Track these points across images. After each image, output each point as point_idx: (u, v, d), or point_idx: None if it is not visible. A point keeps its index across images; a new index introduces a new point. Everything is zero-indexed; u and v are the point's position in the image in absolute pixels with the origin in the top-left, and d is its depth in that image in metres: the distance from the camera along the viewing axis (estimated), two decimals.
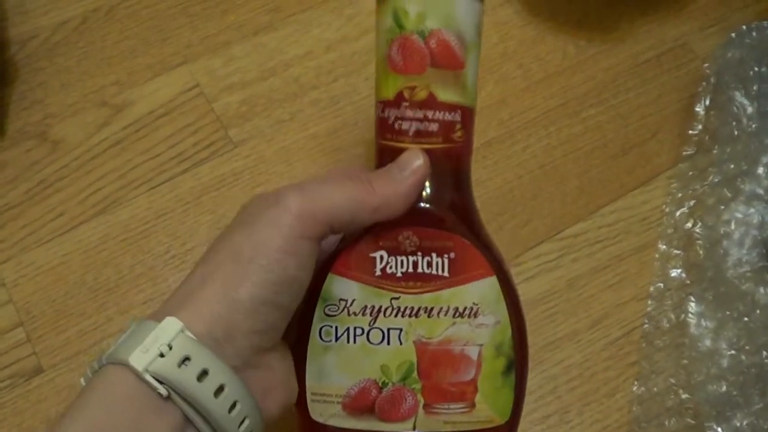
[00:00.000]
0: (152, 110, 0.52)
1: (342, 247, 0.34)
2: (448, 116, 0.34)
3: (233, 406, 0.29)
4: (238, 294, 0.30)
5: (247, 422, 0.30)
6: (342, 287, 0.34)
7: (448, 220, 0.34)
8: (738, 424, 0.42)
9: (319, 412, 0.34)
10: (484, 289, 0.34)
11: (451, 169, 0.35)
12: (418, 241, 0.34)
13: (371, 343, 0.34)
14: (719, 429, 0.42)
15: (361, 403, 0.34)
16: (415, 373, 0.34)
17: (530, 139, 0.51)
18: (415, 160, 0.33)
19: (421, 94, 0.33)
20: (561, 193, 0.50)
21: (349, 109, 0.52)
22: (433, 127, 0.34)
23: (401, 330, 0.34)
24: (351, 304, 0.34)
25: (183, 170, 0.50)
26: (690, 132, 0.51)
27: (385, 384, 0.34)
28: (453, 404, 0.34)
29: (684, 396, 0.44)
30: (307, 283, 0.32)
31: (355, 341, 0.34)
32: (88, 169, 0.50)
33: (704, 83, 0.52)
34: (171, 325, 0.29)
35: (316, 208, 0.31)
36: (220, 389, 0.28)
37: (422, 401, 0.34)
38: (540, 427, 0.43)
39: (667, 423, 0.43)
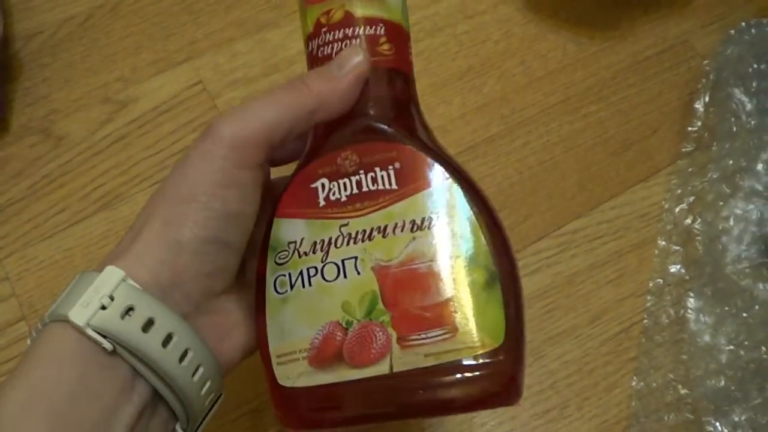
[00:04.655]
0: (156, 106, 0.52)
1: (283, 189, 0.32)
2: (369, 30, 0.32)
3: (184, 354, 0.27)
4: (181, 236, 0.28)
5: (201, 370, 0.28)
6: (289, 229, 0.31)
7: (387, 131, 0.31)
8: (736, 419, 0.42)
9: (286, 375, 0.30)
10: (441, 196, 0.30)
11: (387, 82, 0.33)
12: (358, 158, 0.31)
13: (327, 280, 0.30)
14: (717, 424, 0.42)
15: (328, 352, 0.29)
16: (380, 303, 0.29)
17: (530, 136, 0.52)
18: (354, 57, 0.31)
19: (337, 15, 0.32)
20: (561, 189, 0.50)
21: None
22: (355, 43, 0.32)
23: (356, 258, 0.29)
24: (300, 245, 0.30)
25: None
26: (689, 129, 0.51)
27: (349, 323, 0.29)
28: (431, 331, 0.28)
29: (683, 391, 0.44)
30: (255, 217, 0.31)
31: (310, 284, 0.30)
32: (91, 164, 0.51)
33: (704, 80, 0.52)
34: (112, 274, 0.27)
35: (248, 132, 0.29)
36: (168, 338, 0.27)
37: (395, 335, 0.29)
38: (539, 421, 0.44)
39: (665, 418, 0.43)
